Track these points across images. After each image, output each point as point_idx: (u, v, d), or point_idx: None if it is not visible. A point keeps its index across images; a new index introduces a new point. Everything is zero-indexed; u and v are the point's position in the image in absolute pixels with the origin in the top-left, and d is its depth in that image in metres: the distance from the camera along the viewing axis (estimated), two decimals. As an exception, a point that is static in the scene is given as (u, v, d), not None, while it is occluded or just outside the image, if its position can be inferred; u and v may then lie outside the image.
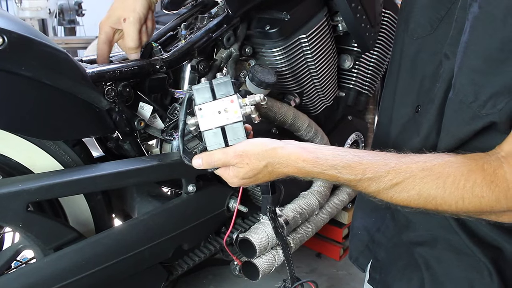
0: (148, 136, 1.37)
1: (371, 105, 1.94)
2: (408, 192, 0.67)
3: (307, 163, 0.74)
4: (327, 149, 0.75)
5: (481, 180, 0.62)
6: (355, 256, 1.02)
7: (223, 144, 0.80)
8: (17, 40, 0.93)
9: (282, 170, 0.77)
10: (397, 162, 0.69)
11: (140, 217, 1.21)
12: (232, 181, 0.82)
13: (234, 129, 0.80)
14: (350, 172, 0.71)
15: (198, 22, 1.43)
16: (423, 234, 0.82)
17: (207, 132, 0.80)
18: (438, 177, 0.65)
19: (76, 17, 6.15)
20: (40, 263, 1.05)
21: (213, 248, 1.43)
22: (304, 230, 1.54)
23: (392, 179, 0.68)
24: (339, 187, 1.78)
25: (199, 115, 0.81)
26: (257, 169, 0.78)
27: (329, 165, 0.72)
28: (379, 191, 0.70)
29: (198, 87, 0.82)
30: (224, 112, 0.79)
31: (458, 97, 0.67)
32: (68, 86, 1.05)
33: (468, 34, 0.64)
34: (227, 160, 0.80)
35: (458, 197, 0.64)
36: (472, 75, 0.64)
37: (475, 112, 0.65)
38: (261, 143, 0.79)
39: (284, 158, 0.76)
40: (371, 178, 0.69)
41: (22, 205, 0.99)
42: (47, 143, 1.13)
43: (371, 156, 0.71)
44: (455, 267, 0.78)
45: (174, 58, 1.30)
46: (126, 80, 1.19)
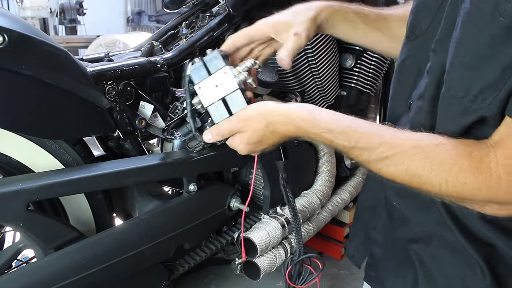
0: (149, 135, 1.37)
1: (373, 104, 1.93)
2: (397, 166, 0.68)
3: (305, 123, 0.75)
4: (327, 112, 0.76)
5: (467, 166, 0.63)
6: (352, 253, 1.03)
7: (227, 114, 0.83)
8: (18, 38, 0.93)
9: (282, 129, 0.78)
10: (391, 136, 0.70)
11: (141, 216, 1.21)
12: (240, 149, 0.83)
13: (234, 98, 0.82)
14: (344, 138, 0.72)
15: (199, 21, 1.43)
16: (418, 231, 0.82)
17: (210, 107, 0.83)
18: (427, 156, 0.66)
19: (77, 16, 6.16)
20: (41, 263, 1.05)
21: (214, 247, 1.43)
22: (305, 229, 1.53)
23: (383, 152, 0.69)
24: (340, 187, 1.77)
25: (199, 93, 0.84)
26: (260, 130, 0.79)
27: (327, 128, 0.73)
28: (369, 161, 0.71)
29: (193, 67, 0.85)
30: (221, 85, 0.82)
31: (450, 92, 0.67)
32: (69, 85, 1.05)
33: (460, 30, 0.64)
34: (232, 127, 0.82)
35: (442, 179, 0.65)
36: (462, 70, 0.65)
37: (466, 107, 0.65)
38: (262, 105, 0.80)
39: (284, 116, 0.77)
40: (364, 147, 0.70)
41: (23, 205, 0.99)
42: (48, 142, 1.12)
43: (368, 126, 0.72)
44: (448, 263, 0.78)
45: (175, 57, 1.30)
46: (127, 79, 1.18)
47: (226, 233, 1.49)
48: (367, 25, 0.97)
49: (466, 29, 0.63)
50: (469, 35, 0.63)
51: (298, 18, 0.91)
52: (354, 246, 1.02)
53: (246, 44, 0.94)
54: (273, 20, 0.93)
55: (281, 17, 0.93)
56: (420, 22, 0.80)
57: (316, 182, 1.61)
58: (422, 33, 0.79)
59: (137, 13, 7.75)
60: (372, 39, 0.99)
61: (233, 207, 1.37)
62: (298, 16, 0.91)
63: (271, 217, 1.40)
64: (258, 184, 1.48)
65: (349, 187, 1.78)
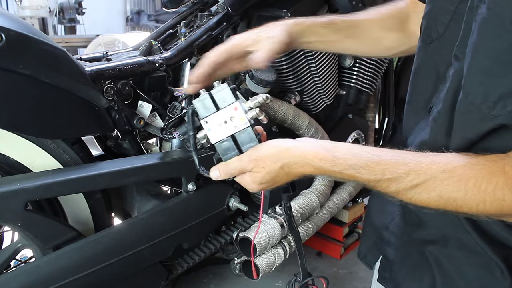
0: (147, 135, 1.36)
1: (372, 103, 1.93)
2: (429, 193, 0.66)
3: (324, 162, 0.72)
4: (344, 147, 0.74)
5: (503, 183, 0.62)
6: (363, 253, 1.02)
7: (237, 152, 0.79)
8: (15, 38, 0.92)
9: (299, 170, 0.75)
10: (417, 163, 0.67)
11: (140, 216, 1.20)
12: (251, 187, 0.81)
13: (244, 135, 0.78)
14: (369, 172, 0.69)
15: (197, 20, 1.43)
16: (435, 233, 0.81)
17: (218, 144, 0.80)
18: (460, 179, 0.64)
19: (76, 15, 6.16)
20: (39, 262, 1.05)
21: (213, 247, 1.43)
22: (304, 229, 1.53)
23: (412, 180, 0.67)
24: (339, 186, 1.77)
25: (206, 128, 0.80)
26: (274, 172, 0.76)
27: (348, 164, 0.71)
28: (398, 191, 0.69)
29: (198, 100, 0.80)
30: (230, 121, 0.78)
31: (468, 99, 0.66)
32: (67, 84, 1.04)
33: (476, 36, 0.64)
34: (243, 166, 0.78)
35: (479, 199, 0.63)
36: (480, 76, 0.64)
37: (485, 114, 0.64)
38: (275, 145, 0.77)
39: (300, 157, 0.74)
40: (391, 178, 0.68)
41: (21, 204, 0.99)
42: (46, 141, 1.12)
43: (389, 155, 0.70)
44: (466, 265, 0.77)
45: (173, 56, 1.29)
46: (125, 79, 1.18)
47: (225, 232, 1.49)
48: (337, 35, 1.00)
49: (483, 34, 0.62)
50: (486, 40, 0.62)
51: (271, 30, 0.94)
52: (366, 247, 1.01)
53: (224, 61, 0.94)
54: (248, 34, 0.95)
55: (255, 31, 0.96)
56: (436, 25, 0.79)
57: (315, 182, 1.61)
58: (439, 37, 0.78)
59: (136, 13, 7.75)
60: (344, 47, 1.04)
61: (232, 207, 1.37)
62: (271, 28, 0.94)
63: (270, 217, 1.40)
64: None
65: (349, 187, 1.78)
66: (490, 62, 0.62)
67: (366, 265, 1.02)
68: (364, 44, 1.03)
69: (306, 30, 0.98)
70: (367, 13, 1.04)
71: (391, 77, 2.01)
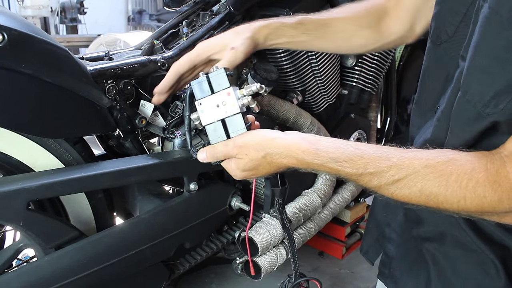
0: (149, 134, 1.36)
1: (374, 103, 1.93)
2: (410, 188, 0.66)
3: (307, 154, 0.73)
4: (328, 140, 0.75)
5: (484, 179, 0.62)
6: (365, 249, 1.03)
7: (225, 137, 0.81)
8: (17, 37, 0.92)
9: (281, 161, 0.76)
10: (399, 158, 0.68)
11: (142, 215, 1.20)
12: (235, 174, 0.83)
13: (234, 121, 0.80)
14: (351, 165, 0.70)
15: (200, 20, 1.43)
16: (432, 230, 0.82)
17: (208, 126, 0.82)
18: (441, 174, 0.64)
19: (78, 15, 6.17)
20: (41, 262, 1.05)
21: (215, 246, 1.43)
22: (306, 228, 1.53)
23: (394, 175, 0.67)
24: (341, 186, 1.77)
25: (199, 110, 0.82)
26: (256, 160, 0.78)
27: (330, 157, 0.71)
28: (380, 186, 0.69)
29: (196, 82, 0.83)
30: (223, 105, 0.80)
31: (465, 97, 0.66)
32: (69, 84, 1.04)
33: (478, 34, 0.64)
34: (227, 151, 0.80)
35: (460, 196, 0.63)
36: (479, 74, 0.64)
37: (479, 112, 0.64)
38: (260, 135, 0.79)
39: (284, 148, 0.75)
40: (373, 173, 0.68)
41: (23, 204, 0.98)
42: (48, 141, 1.12)
43: (373, 150, 0.70)
44: (461, 263, 0.77)
45: (175, 55, 1.29)
46: (127, 78, 1.18)
47: (227, 232, 1.49)
48: (307, 35, 1.02)
49: (484, 33, 0.62)
50: (486, 38, 0.62)
51: (235, 38, 0.96)
52: (368, 243, 1.02)
53: (189, 70, 0.99)
54: (212, 42, 0.99)
55: (220, 39, 0.99)
56: (445, 27, 0.79)
57: (317, 181, 1.61)
58: (449, 38, 0.78)
59: (138, 12, 7.75)
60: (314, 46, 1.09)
61: (234, 206, 1.37)
62: (236, 36, 0.97)
63: (272, 216, 1.39)
64: (259, 183, 1.47)
65: (351, 186, 1.77)
66: (488, 60, 0.62)
67: (368, 261, 1.03)
68: (334, 43, 1.05)
69: (274, 33, 1.00)
70: (340, 10, 1.06)
71: (393, 76, 2.01)
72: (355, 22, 1.03)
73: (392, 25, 0.94)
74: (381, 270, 0.96)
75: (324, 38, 1.02)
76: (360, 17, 1.03)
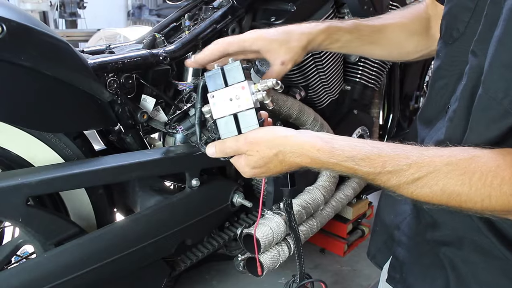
0: (150, 129, 1.34)
1: (377, 99, 1.91)
2: (431, 187, 0.63)
3: (322, 153, 0.70)
4: (343, 139, 0.72)
5: (510, 177, 0.59)
6: (373, 253, 0.99)
7: (236, 132, 0.78)
8: (17, 29, 0.90)
9: (294, 160, 0.73)
10: (419, 156, 0.65)
11: (143, 212, 1.19)
12: (244, 171, 0.79)
13: (246, 116, 0.77)
14: (368, 164, 0.67)
15: (202, 13, 1.41)
16: (449, 234, 0.78)
17: (220, 120, 0.79)
18: (464, 172, 0.61)
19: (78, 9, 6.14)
20: (41, 259, 1.03)
21: (216, 243, 1.41)
22: (309, 225, 1.51)
23: (414, 173, 0.64)
24: (344, 182, 1.75)
25: (211, 102, 0.79)
26: (267, 158, 0.75)
27: (346, 156, 0.68)
28: (399, 185, 0.66)
29: (210, 73, 0.80)
30: (236, 99, 0.77)
31: (488, 94, 0.63)
32: (69, 77, 1.03)
33: (501, 28, 0.61)
34: (238, 147, 0.77)
35: (484, 194, 0.61)
36: (503, 70, 0.61)
37: (506, 109, 0.61)
38: (273, 131, 0.76)
39: (297, 146, 0.73)
40: (391, 171, 0.65)
41: (22, 199, 0.97)
42: (48, 135, 1.10)
43: (390, 148, 0.68)
44: (483, 269, 0.74)
45: (178, 49, 1.27)
46: (128, 72, 1.16)
47: (229, 229, 1.47)
48: (361, 40, 0.99)
49: (509, 27, 0.60)
50: (511, 33, 0.59)
51: (290, 43, 0.92)
52: (375, 246, 0.98)
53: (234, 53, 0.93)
54: (268, 37, 0.93)
55: (275, 36, 0.93)
56: (457, 24, 0.76)
57: (320, 178, 1.59)
58: (460, 36, 0.76)
59: (138, 7, 7.72)
60: (367, 52, 1.06)
61: (236, 203, 1.36)
62: (291, 40, 0.92)
63: (274, 213, 1.38)
64: (261, 179, 1.46)
65: (353, 183, 1.76)
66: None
67: (376, 265, 0.99)
68: (386, 49, 1.02)
69: (330, 38, 0.96)
70: (391, 16, 1.03)
71: (396, 72, 1.99)
72: (406, 28, 1.01)
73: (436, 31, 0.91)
74: (391, 275, 0.92)
75: (376, 44, 0.99)
76: (410, 23, 1.01)
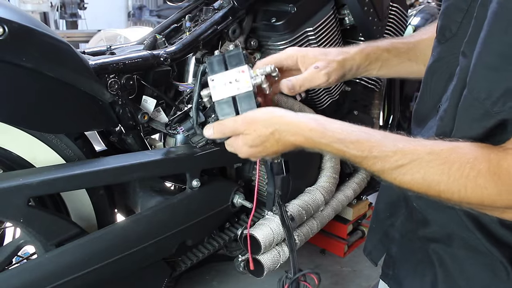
0: (151, 130, 1.35)
1: (377, 100, 1.91)
2: (413, 175, 0.66)
3: (314, 133, 0.73)
4: (336, 122, 0.75)
5: (486, 170, 0.61)
6: (369, 249, 1.02)
7: (234, 114, 0.81)
8: (18, 30, 0.91)
9: (289, 139, 0.76)
10: (404, 144, 0.68)
11: (144, 212, 1.19)
12: (241, 150, 0.81)
13: (245, 99, 0.80)
14: (357, 147, 0.70)
15: (203, 14, 1.41)
16: (438, 231, 0.81)
17: (218, 102, 0.81)
18: (444, 162, 0.64)
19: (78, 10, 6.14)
20: (42, 259, 1.04)
21: (217, 244, 1.41)
22: (309, 226, 1.52)
23: (398, 160, 0.67)
24: (344, 183, 1.76)
25: (211, 86, 0.82)
26: (264, 136, 0.77)
27: (337, 138, 0.72)
28: (383, 170, 0.69)
29: (212, 59, 0.83)
30: (235, 82, 0.80)
31: (472, 95, 0.65)
32: (71, 78, 1.03)
33: (485, 31, 0.63)
34: (236, 127, 0.80)
35: (461, 185, 0.62)
36: (485, 71, 0.63)
37: (487, 110, 0.63)
38: (270, 111, 0.79)
39: (292, 125, 0.75)
40: (377, 156, 0.68)
41: (23, 200, 0.97)
42: (49, 136, 1.11)
43: (380, 135, 0.71)
44: (469, 264, 0.76)
45: (178, 50, 1.27)
46: (129, 73, 1.16)
47: (229, 229, 1.48)
48: (399, 58, 0.98)
49: (492, 29, 0.61)
50: (494, 35, 0.61)
51: (327, 56, 0.92)
52: (371, 243, 1.01)
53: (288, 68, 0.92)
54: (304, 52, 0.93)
55: (312, 51, 0.93)
56: (450, 25, 0.78)
57: (320, 179, 1.59)
58: (452, 36, 0.78)
59: (138, 8, 7.73)
60: (406, 70, 1.01)
61: (237, 203, 1.36)
62: (328, 54, 0.92)
63: (275, 214, 1.38)
64: (262, 180, 1.46)
65: (353, 184, 1.76)
66: (495, 57, 0.61)
67: (371, 261, 1.02)
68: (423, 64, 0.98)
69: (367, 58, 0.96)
70: (423, 31, 1.03)
71: (396, 73, 1.99)
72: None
73: None
74: (384, 271, 0.95)
75: (414, 61, 0.99)
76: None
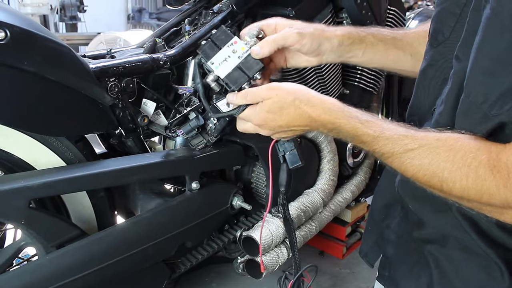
0: (151, 133, 1.36)
1: (375, 103, 1.92)
2: (421, 159, 0.68)
3: (333, 106, 0.79)
4: (353, 108, 0.80)
5: (486, 161, 0.62)
6: (365, 251, 1.02)
7: (246, 77, 0.85)
8: (20, 34, 0.92)
9: (307, 110, 0.79)
10: (415, 131, 0.71)
11: (143, 214, 1.20)
12: (256, 117, 0.84)
13: (249, 62, 0.85)
14: (371, 126, 0.74)
15: (202, 18, 1.42)
16: (434, 232, 0.81)
17: (227, 77, 0.86)
18: (450, 149, 0.66)
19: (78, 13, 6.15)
20: (43, 261, 1.04)
21: (216, 246, 1.42)
22: (307, 228, 1.52)
23: (408, 144, 0.69)
24: (343, 185, 1.76)
25: (214, 67, 0.86)
26: (284, 102, 0.80)
27: (354, 115, 0.77)
28: (393, 153, 0.71)
29: (202, 47, 0.88)
30: (233, 54, 0.86)
31: (469, 99, 0.66)
32: (71, 81, 1.04)
33: (480, 35, 0.64)
34: (259, 91, 0.83)
35: (463, 173, 0.64)
36: (481, 76, 0.64)
37: (485, 113, 0.64)
38: (296, 85, 0.83)
39: (314, 98, 0.80)
40: (388, 137, 0.72)
41: (24, 202, 0.98)
42: (50, 139, 1.11)
43: (393, 123, 0.75)
44: (465, 266, 0.77)
45: (178, 54, 1.28)
46: (129, 76, 1.17)
47: (228, 231, 1.48)
48: (385, 44, 1.00)
49: (486, 34, 0.63)
50: (488, 40, 0.62)
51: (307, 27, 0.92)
52: (367, 245, 1.02)
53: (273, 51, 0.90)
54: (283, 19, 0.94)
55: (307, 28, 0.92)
56: (442, 29, 0.80)
57: (318, 181, 1.60)
58: (445, 40, 0.79)
59: (138, 11, 7.74)
60: (393, 58, 1.01)
61: (236, 206, 1.36)
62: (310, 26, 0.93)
63: (273, 216, 1.39)
64: (261, 182, 1.47)
65: (352, 186, 1.77)
66: (490, 62, 0.62)
67: (367, 263, 1.03)
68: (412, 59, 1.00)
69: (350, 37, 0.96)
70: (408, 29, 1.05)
71: (394, 76, 2.00)
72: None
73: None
74: (380, 273, 0.96)
75: (400, 49, 1.00)
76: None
